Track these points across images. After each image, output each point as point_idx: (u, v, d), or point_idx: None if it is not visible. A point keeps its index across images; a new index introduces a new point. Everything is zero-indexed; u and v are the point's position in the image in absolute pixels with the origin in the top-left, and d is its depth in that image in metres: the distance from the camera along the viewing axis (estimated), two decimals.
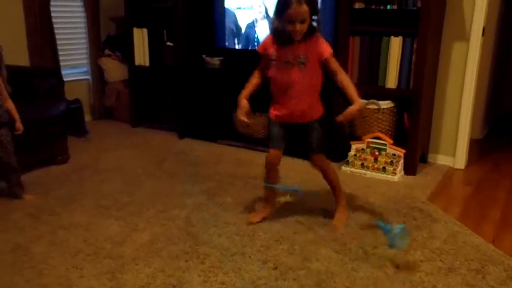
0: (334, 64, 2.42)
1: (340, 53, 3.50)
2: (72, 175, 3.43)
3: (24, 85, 3.52)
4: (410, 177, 3.45)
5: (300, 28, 2.29)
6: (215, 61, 4.24)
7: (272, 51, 2.46)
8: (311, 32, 2.35)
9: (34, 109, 3.43)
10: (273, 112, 2.56)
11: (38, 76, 3.56)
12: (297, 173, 3.39)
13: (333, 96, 3.56)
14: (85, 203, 2.95)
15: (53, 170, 3.51)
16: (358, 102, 2.33)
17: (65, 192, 3.11)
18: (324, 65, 2.43)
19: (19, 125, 2.93)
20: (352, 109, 2.32)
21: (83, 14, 4.72)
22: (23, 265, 2.25)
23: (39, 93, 3.52)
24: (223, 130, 4.22)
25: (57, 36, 4.39)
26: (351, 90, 2.36)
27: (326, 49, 2.40)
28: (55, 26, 4.34)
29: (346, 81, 2.39)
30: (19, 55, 4.12)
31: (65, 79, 3.86)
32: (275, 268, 2.23)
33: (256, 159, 3.75)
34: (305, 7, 2.24)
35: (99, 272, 2.20)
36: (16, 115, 2.92)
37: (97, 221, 2.71)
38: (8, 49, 3.98)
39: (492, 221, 2.79)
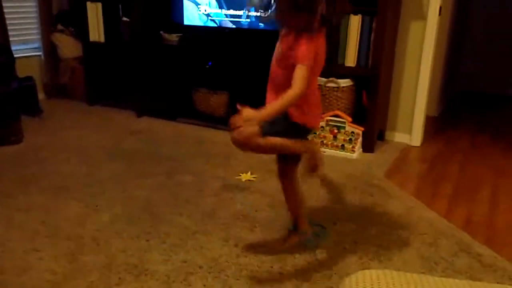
0: (295, 76, 1.87)
1: None
2: (27, 156, 3.32)
3: None
4: (368, 155, 3.53)
5: (277, 15, 1.97)
6: (173, 37, 4.17)
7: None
8: (302, 27, 1.89)
9: None
10: None
11: None
12: None
13: None
14: (42, 185, 2.87)
15: (7, 151, 3.40)
16: (259, 113, 1.84)
17: (21, 174, 3.02)
18: None
19: None
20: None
21: None
22: None
23: None
24: (182, 108, 4.18)
25: (5, 10, 4.19)
26: (275, 102, 1.90)
27: (298, 54, 1.88)
28: None
29: (283, 96, 1.87)
30: None
31: (15, 56, 3.70)
32: (236, 245, 2.25)
33: (216, 137, 3.75)
34: None
35: (59, 254, 2.16)
36: None
37: (55, 202, 2.65)
38: None
39: (445, 196, 2.90)
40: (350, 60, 3.48)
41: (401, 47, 3.69)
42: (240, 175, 3.04)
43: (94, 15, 4.38)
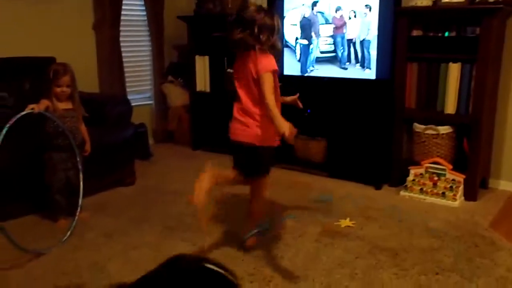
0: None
1: (397, 78, 3.57)
2: (139, 197, 3.62)
3: (96, 111, 3.76)
4: (471, 203, 3.42)
5: None
6: None
7: None
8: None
9: (105, 134, 3.65)
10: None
11: (109, 103, 3.80)
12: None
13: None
14: (153, 224, 3.11)
15: (123, 192, 3.72)
16: None
17: (134, 213, 3.29)
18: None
19: (88, 147, 3.19)
20: None
21: (149, 43, 5.01)
22: (101, 282, 2.41)
23: (109, 119, 3.73)
24: (280, 154, 4.31)
25: (125, 65, 4.67)
26: None
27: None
28: (123, 55, 4.63)
29: None
30: (90, 83, 4.41)
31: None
32: None
33: (315, 183, 3.84)
34: None
35: None
36: (87, 138, 3.19)
37: (165, 241, 2.87)
38: (81, 78, 4.30)
39: None
40: (450, 107, 3.45)
41: (503, 92, 3.59)
42: (339, 221, 3.09)
43: (202, 67, 4.75)
